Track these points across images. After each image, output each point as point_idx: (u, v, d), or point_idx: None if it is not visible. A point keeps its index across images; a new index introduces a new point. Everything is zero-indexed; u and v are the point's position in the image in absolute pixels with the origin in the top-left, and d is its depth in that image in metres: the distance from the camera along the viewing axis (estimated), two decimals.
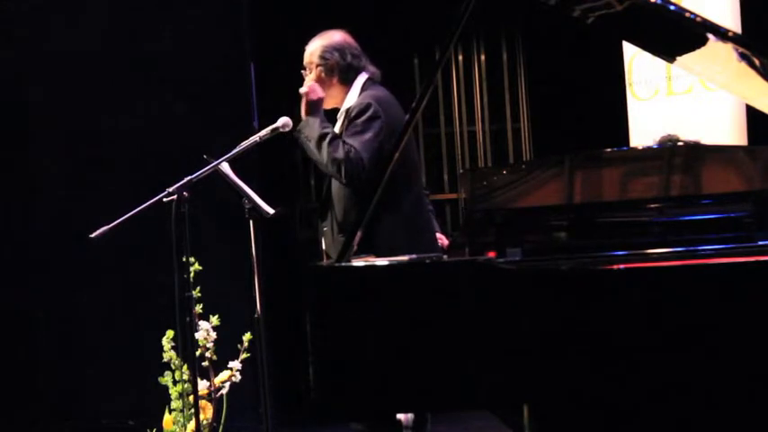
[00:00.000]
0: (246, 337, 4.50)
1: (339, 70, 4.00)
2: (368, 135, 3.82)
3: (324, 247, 4.02)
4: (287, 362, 6.08)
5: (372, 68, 4.05)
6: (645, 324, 2.55)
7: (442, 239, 4.09)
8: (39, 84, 5.91)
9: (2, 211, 5.83)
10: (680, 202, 2.94)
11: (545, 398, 2.64)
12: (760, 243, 2.81)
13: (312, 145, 3.87)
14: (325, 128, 3.88)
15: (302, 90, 3.97)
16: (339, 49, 4.01)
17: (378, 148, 3.80)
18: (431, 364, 2.67)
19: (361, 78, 4.01)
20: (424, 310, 2.69)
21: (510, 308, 2.64)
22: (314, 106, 3.92)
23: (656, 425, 2.56)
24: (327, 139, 3.83)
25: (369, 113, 3.85)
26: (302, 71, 4.07)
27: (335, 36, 4.05)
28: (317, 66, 4.01)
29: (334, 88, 4.02)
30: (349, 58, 4.00)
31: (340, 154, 3.79)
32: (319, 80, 4.02)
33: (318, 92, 3.95)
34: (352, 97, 3.98)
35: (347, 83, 4.01)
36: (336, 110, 4.05)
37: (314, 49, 4.04)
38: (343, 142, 3.82)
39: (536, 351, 2.61)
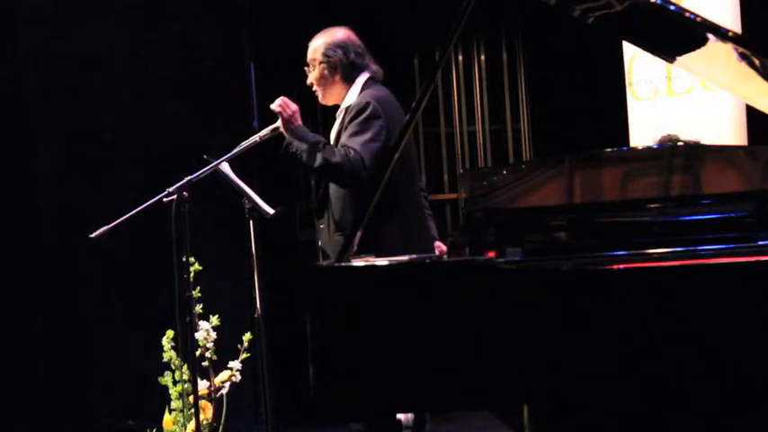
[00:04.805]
0: (246, 337, 4.50)
1: (342, 68, 3.99)
2: (367, 135, 3.81)
3: (320, 243, 4.02)
4: (287, 362, 6.08)
5: (375, 67, 4.05)
6: (645, 324, 2.55)
7: (441, 247, 4.04)
8: (39, 84, 5.90)
9: (1, 211, 5.82)
10: (680, 202, 2.94)
11: (545, 398, 2.64)
12: (760, 243, 2.81)
13: (305, 158, 3.85)
14: (313, 138, 3.85)
15: (274, 107, 3.91)
16: (342, 46, 4.00)
17: (379, 147, 3.79)
18: (431, 363, 2.67)
19: (363, 77, 4.00)
20: (424, 310, 2.69)
21: (510, 308, 2.64)
22: (291, 122, 3.87)
23: (655, 425, 2.56)
24: (320, 148, 3.81)
25: (367, 113, 3.84)
26: (305, 68, 4.07)
27: (339, 33, 4.04)
28: (320, 63, 4.01)
29: (336, 86, 4.02)
30: (352, 55, 3.99)
31: (337, 158, 3.77)
32: (322, 77, 4.02)
33: (291, 106, 3.89)
34: (353, 96, 3.97)
35: (350, 81, 4.00)
36: (337, 107, 4.05)
37: (317, 45, 4.03)
38: (342, 145, 3.82)
39: (536, 351, 2.61)
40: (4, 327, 5.77)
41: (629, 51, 5.56)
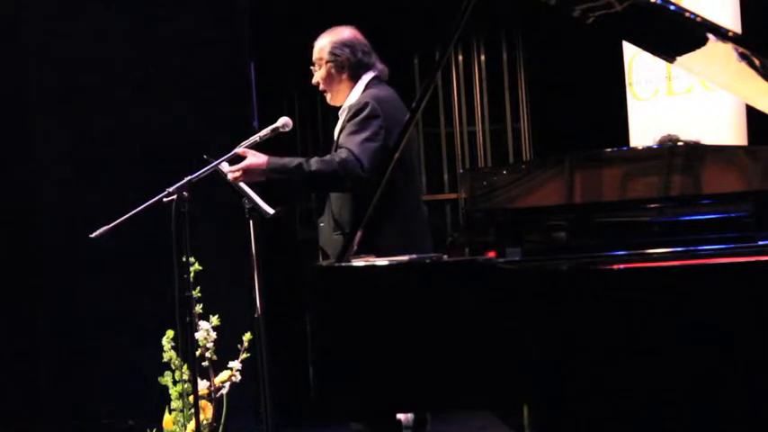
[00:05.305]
0: (246, 337, 4.50)
1: (349, 66, 3.98)
2: (364, 135, 3.79)
3: (320, 243, 4.02)
4: (287, 362, 6.08)
5: (381, 66, 4.04)
6: (645, 324, 2.55)
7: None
8: (39, 84, 5.91)
9: (2, 211, 5.82)
10: (680, 202, 2.94)
11: (545, 398, 2.64)
12: (760, 243, 2.81)
13: (297, 183, 3.78)
14: (290, 162, 3.76)
15: (236, 176, 3.79)
16: (350, 45, 3.99)
17: (378, 147, 3.77)
18: (431, 363, 2.68)
19: (368, 76, 3.99)
20: (424, 310, 2.69)
21: (510, 308, 2.64)
22: (259, 167, 3.76)
23: (655, 425, 2.56)
24: (305, 165, 3.72)
25: (365, 112, 3.82)
26: (311, 67, 4.06)
27: (345, 32, 4.03)
28: (327, 62, 3.99)
29: (343, 84, 4.00)
30: (359, 54, 3.98)
31: (328, 168, 3.71)
32: (329, 76, 4.00)
33: (248, 157, 3.77)
34: (355, 95, 3.96)
35: (356, 79, 3.99)
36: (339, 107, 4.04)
37: (324, 44, 4.02)
38: (340, 145, 3.80)
39: (536, 351, 2.61)
40: (4, 327, 5.77)
41: (629, 51, 5.55)
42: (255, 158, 3.77)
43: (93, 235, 3.94)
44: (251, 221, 4.09)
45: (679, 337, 2.53)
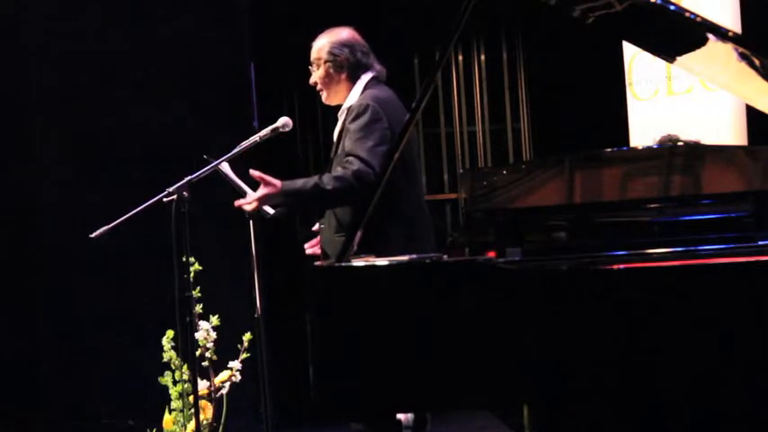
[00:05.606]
0: (246, 337, 4.50)
1: (348, 67, 3.97)
2: (372, 140, 3.76)
3: (321, 243, 4.01)
4: (287, 362, 6.08)
5: (379, 67, 4.03)
6: (645, 324, 2.55)
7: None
8: (39, 84, 5.91)
9: (2, 211, 5.83)
10: (680, 202, 2.94)
11: (545, 398, 2.64)
12: (760, 243, 2.82)
13: (311, 201, 3.75)
14: (306, 183, 3.73)
15: (252, 206, 3.78)
16: (349, 45, 3.98)
17: (386, 151, 3.72)
18: (431, 363, 2.68)
19: (366, 77, 3.98)
20: (424, 310, 2.69)
21: (510, 308, 2.64)
22: (277, 190, 3.72)
23: (655, 425, 2.56)
24: (320, 185, 3.68)
25: (368, 116, 3.80)
26: (309, 66, 4.05)
27: (344, 33, 4.03)
28: (326, 62, 3.98)
29: (341, 84, 4.00)
30: (358, 54, 3.97)
31: (342, 184, 3.67)
32: (327, 76, 3.99)
33: (263, 191, 3.72)
34: (354, 96, 3.95)
35: (355, 80, 3.98)
36: (339, 107, 4.04)
37: (322, 45, 4.01)
38: (348, 152, 3.76)
39: (536, 351, 2.61)
40: (5, 327, 5.77)
41: (629, 51, 5.55)
42: (269, 187, 3.72)
43: (93, 235, 3.94)
44: (251, 221, 4.09)
45: (679, 337, 2.53)
